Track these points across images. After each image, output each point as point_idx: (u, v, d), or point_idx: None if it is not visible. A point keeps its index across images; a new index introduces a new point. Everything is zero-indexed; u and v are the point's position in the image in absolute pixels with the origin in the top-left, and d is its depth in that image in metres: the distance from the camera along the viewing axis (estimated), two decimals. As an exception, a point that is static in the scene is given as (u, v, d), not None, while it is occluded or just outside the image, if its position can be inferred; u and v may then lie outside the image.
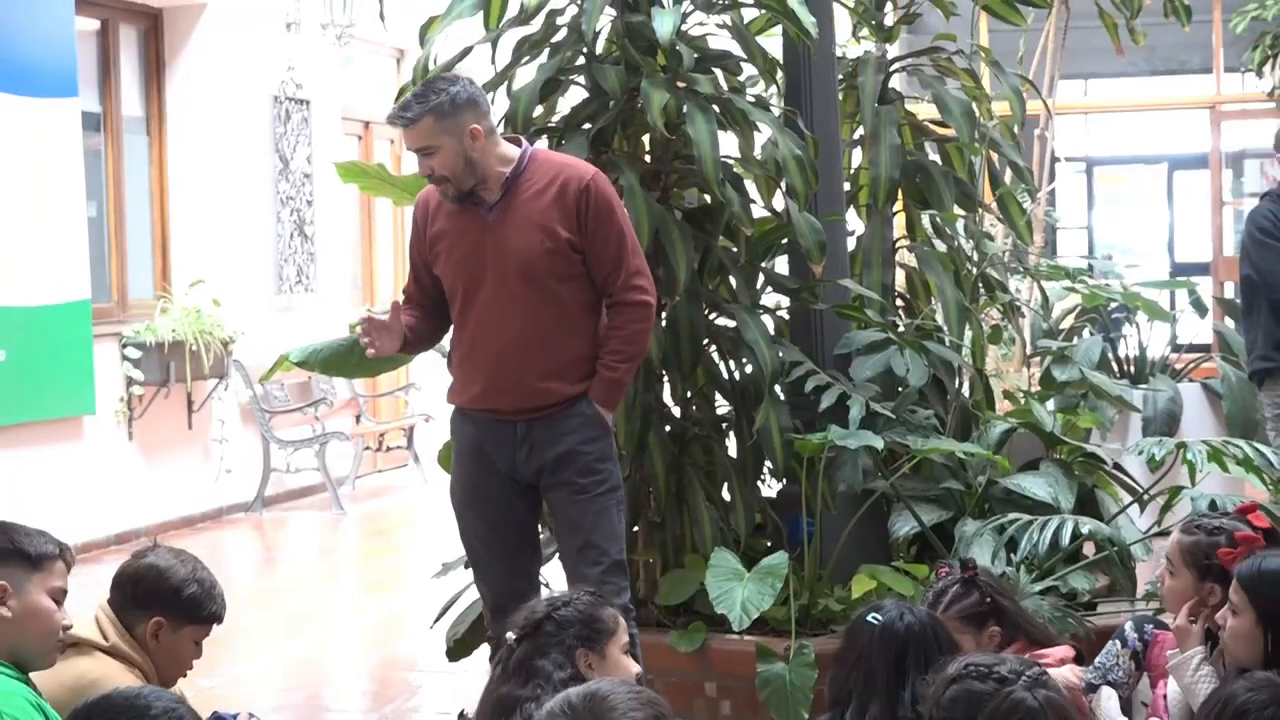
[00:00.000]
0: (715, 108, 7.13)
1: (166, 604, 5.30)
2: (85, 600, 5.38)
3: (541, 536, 6.68)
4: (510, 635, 4.70)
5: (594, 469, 6.26)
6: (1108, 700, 5.87)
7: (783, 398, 7.30)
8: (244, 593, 11.54)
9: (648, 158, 7.32)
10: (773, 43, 7.67)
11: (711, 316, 7.39)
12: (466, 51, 7.56)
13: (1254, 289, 9.61)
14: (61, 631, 4.88)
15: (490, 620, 6.35)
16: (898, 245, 8.08)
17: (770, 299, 7.78)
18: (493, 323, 6.18)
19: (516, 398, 6.20)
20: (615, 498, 6.36)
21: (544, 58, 7.43)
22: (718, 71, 7.43)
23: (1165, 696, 5.89)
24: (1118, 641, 6.01)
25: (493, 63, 7.53)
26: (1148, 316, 9.40)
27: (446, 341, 6.67)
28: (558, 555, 6.54)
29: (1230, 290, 16.23)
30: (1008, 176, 8.39)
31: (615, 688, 3.72)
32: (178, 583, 5.30)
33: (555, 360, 6.22)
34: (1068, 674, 5.25)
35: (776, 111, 7.47)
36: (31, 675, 4.95)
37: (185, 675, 5.49)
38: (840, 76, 7.83)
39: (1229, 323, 11.42)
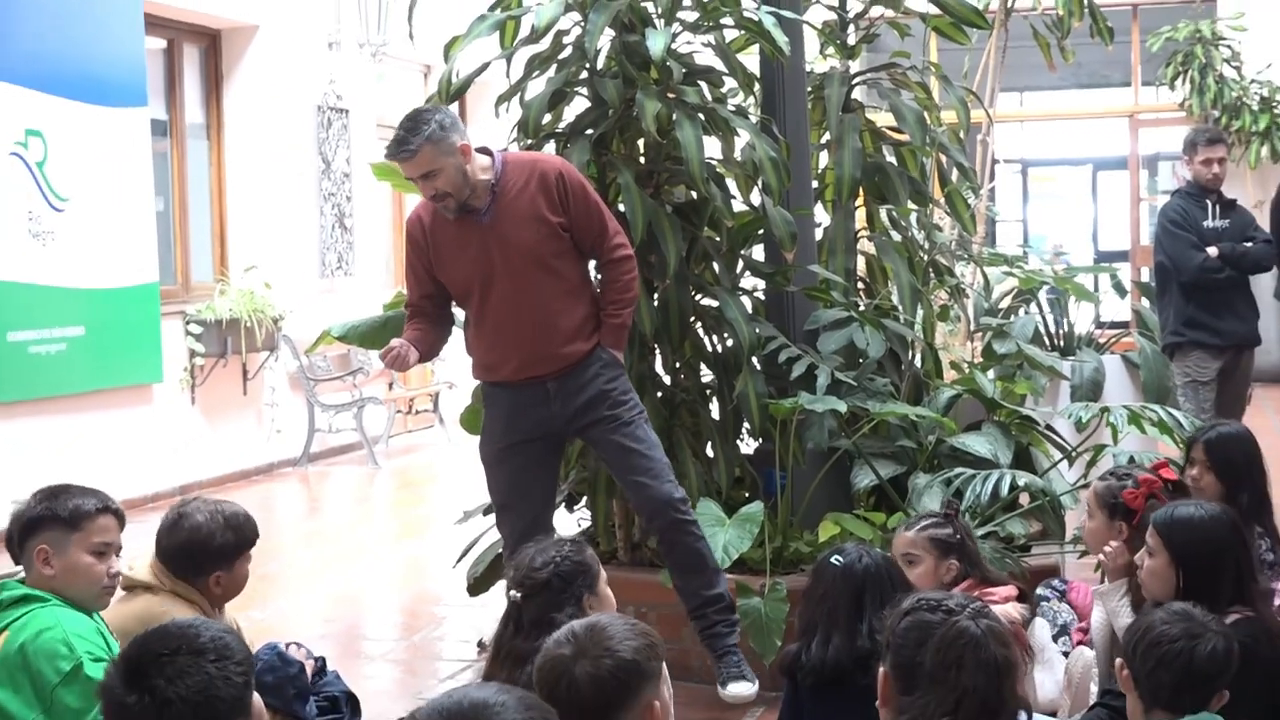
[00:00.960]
0: (701, 115, 7.13)
1: (215, 560, 5.30)
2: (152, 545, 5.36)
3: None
4: (515, 594, 4.67)
5: (621, 400, 6.41)
6: (1040, 630, 5.90)
7: (759, 368, 7.31)
8: (291, 537, 11.55)
9: (642, 159, 7.31)
10: (751, 59, 7.65)
11: (697, 297, 7.37)
12: (484, 67, 7.57)
13: (1166, 273, 9.70)
14: (108, 579, 4.90)
15: (509, 560, 6.31)
16: (859, 235, 8.07)
17: (748, 282, 7.78)
18: (513, 309, 6.25)
19: (547, 365, 6.29)
20: (644, 416, 6.52)
21: (551, 72, 7.44)
22: (703, 84, 7.42)
23: (1089, 625, 5.92)
24: (1045, 597, 6.10)
25: (507, 76, 7.60)
26: (1075, 297, 9.40)
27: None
28: (616, 472, 6.59)
29: (1146, 275, 16.21)
30: (954, 176, 8.37)
31: (613, 620, 3.72)
32: (217, 542, 5.29)
33: (571, 326, 6.33)
34: (1010, 610, 5.27)
35: (754, 119, 7.46)
36: (103, 613, 4.99)
37: (241, 591, 5.47)
38: (809, 88, 7.82)
39: (1145, 303, 11.42)
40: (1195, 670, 3.87)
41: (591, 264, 6.55)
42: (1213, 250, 9.51)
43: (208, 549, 5.26)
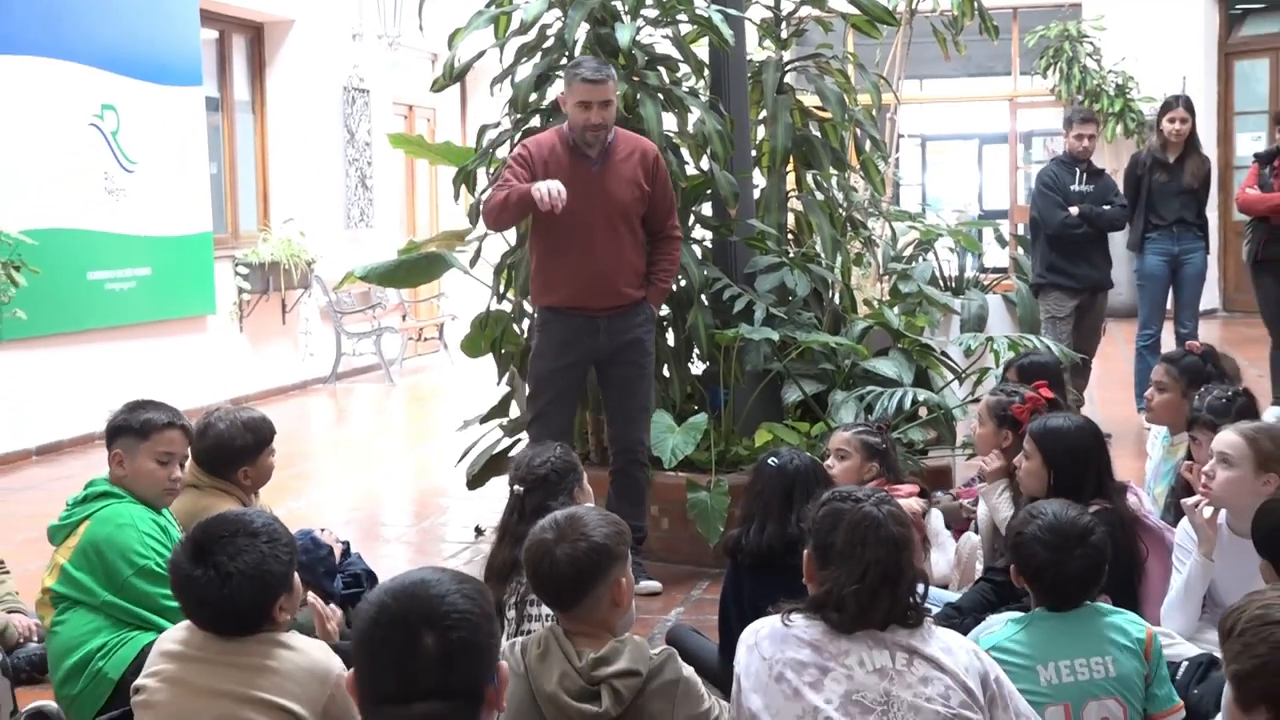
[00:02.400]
0: (660, 95, 7.18)
1: (239, 458, 5.30)
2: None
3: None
4: (519, 488, 4.69)
5: (647, 352, 6.62)
6: (935, 519, 5.91)
7: (706, 304, 7.30)
8: (321, 443, 11.55)
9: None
10: (701, 49, 7.62)
11: (657, 245, 7.35)
12: (481, 54, 7.59)
13: (1036, 226, 9.81)
14: (169, 483, 4.92)
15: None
16: (789, 195, 8.06)
17: (699, 233, 7.74)
18: (596, 246, 6.32)
19: (607, 299, 6.38)
20: (652, 372, 6.75)
21: (537, 59, 7.42)
22: (662, 69, 7.44)
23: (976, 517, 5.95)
24: (941, 497, 6.16)
25: (500, 62, 7.62)
26: (964, 246, 9.43)
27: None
28: (612, 405, 6.66)
29: (1022, 229, 16.23)
30: (868, 146, 8.38)
31: (589, 511, 3.75)
32: (238, 444, 5.30)
33: (634, 273, 6.46)
34: (912, 503, 5.30)
35: (704, 98, 7.45)
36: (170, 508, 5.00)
37: (268, 482, 5.48)
38: (749, 74, 7.78)
39: (1020, 252, 11.42)
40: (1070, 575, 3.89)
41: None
42: (1074, 210, 9.59)
43: (231, 449, 5.28)
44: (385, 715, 2.55)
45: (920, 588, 3.42)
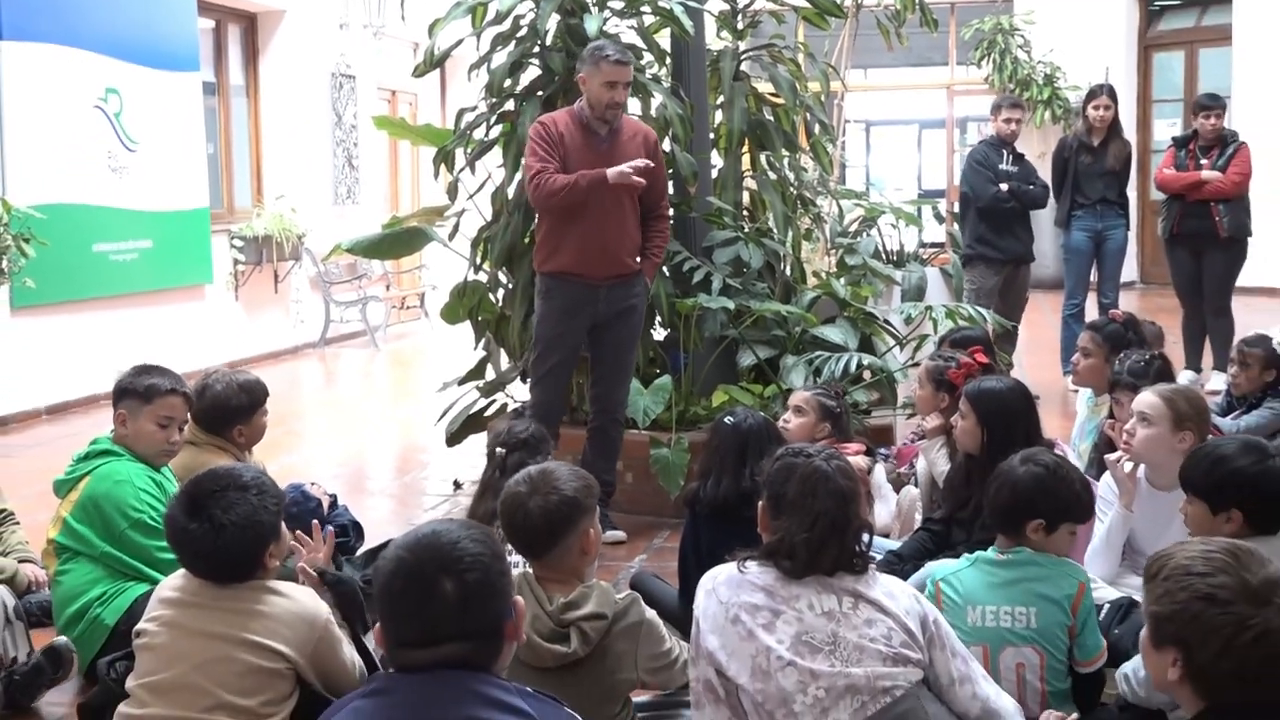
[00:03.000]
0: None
1: (234, 417, 5.29)
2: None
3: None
4: (500, 450, 4.69)
5: (639, 321, 6.66)
6: (880, 474, 5.93)
7: (668, 274, 7.27)
8: (311, 402, 11.50)
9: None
10: (664, 39, 7.59)
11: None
12: (459, 42, 7.54)
13: (967, 201, 9.92)
14: (167, 445, 4.92)
15: (539, 417, 6.12)
16: (744, 175, 8.03)
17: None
18: (603, 218, 6.26)
19: (610, 268, 6.36)
20: (639, 340, 6.78)
21: (511, 47, 7.37)
22: (627, 57, 7.39)
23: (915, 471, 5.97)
24: (881, 456, 6.17)
25: (477, 50, 7.56)
26: (905, 223, 9.43)
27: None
28: (600, 366, 6.61)
29: (958, 207, 16.30)
30: (817, 130, 8.36)
31: (560, 466, 3.78)
32: (233, 404, 5.29)
33: (632, 245, 6.45)
34: (859, 460, 5.34)
35: (666, 85, 7.41)
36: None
37: (261, 440, 5.44)
38: (708, 62, 7.74)
39: (956, 228, 11.44)
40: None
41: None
42: (1004, 186, 9.64)
43: (227, 409, 5.26)
44: (413, 659, 2.60)
45: (865, 537, 3.43)
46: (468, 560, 2.60)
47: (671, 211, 7.55)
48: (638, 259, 6.48)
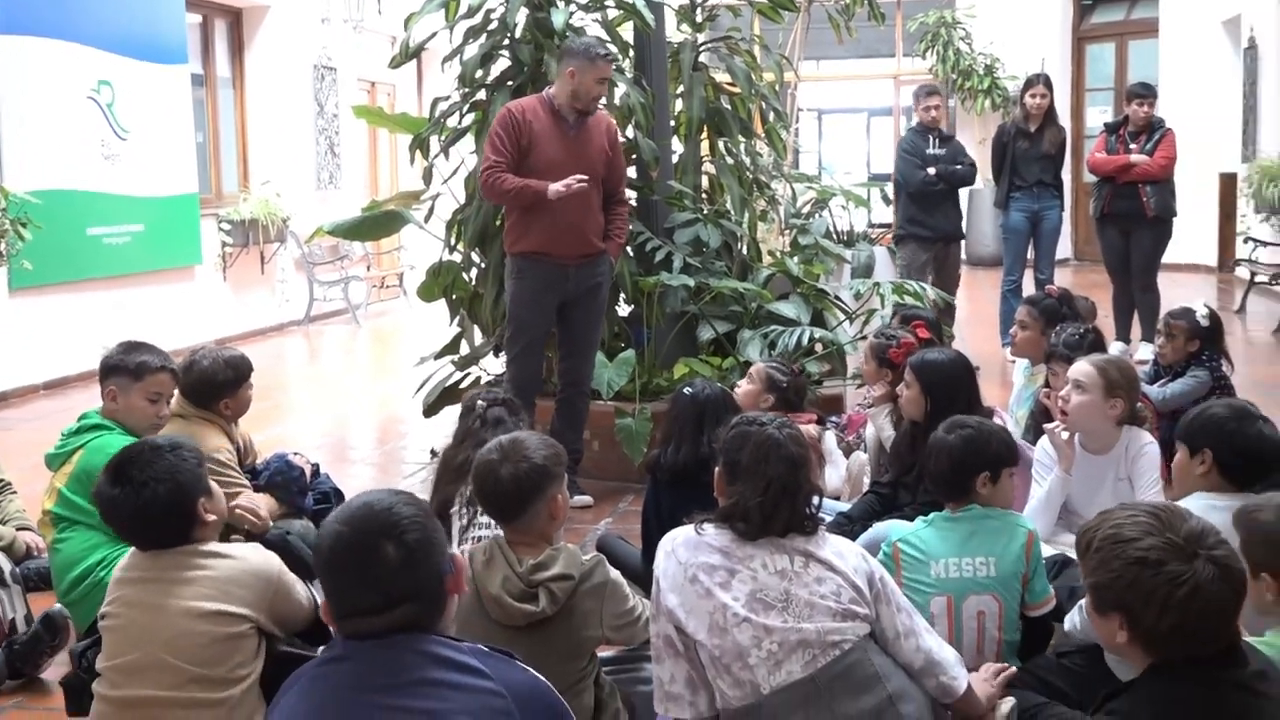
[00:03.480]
0: (591, 71, 7.07)
1: (220, 391, 5.20)
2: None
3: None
4: (481, 403, 4.64)
5: (604, 299, 6.64)
6: (830, 440, 5.93)
7: (631, 254, 7.23)
8: (296, 377, 11.44)
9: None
10: (627, 31, 7.56)
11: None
12: (433, 35, 7.51)
13: (899, 186, 9.96)
14: (156, 419, 4.87)
15: (516, 392, 6.01)
16: (703, 160, 8.01)
17: (626, 192, 7.69)
18: (571, 200, 6.15)
19: (577, 248, 6.32)
20: (604, 316, 6.74)
21: (482, 40, 7.31)
22: (592, 49, 7.34)
23: (865, 435, 5.97)
24: (831, 423, 6.17)
25: (450, 42, 7.51)
26: (855, 205, 9.42)
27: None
28: (567, 341, 6.58)
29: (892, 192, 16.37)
30: (771, 117, 8.35)
31: (530, 436, 3.74)
32: (219, 379, 5.20)
33: (597, 226, 6.41)
34: (810, 429, 5.32)
35: (629, 75, 7.38)
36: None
37: (246, 412, 5.35)
38: (668, 54, 7.69)
39: (901, 210, 11.49)
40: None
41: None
42: (931, 170, 9.75)
43: (214, 384, 5.17)
44: (364, 626, 2.52)
45: (815, 500, 3.41)
46: (405, 522, 2.55)
47: (635, 194, 7.56)
48: (602, 240, 6.44)
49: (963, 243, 10.19)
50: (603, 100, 7.32)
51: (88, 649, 3.63)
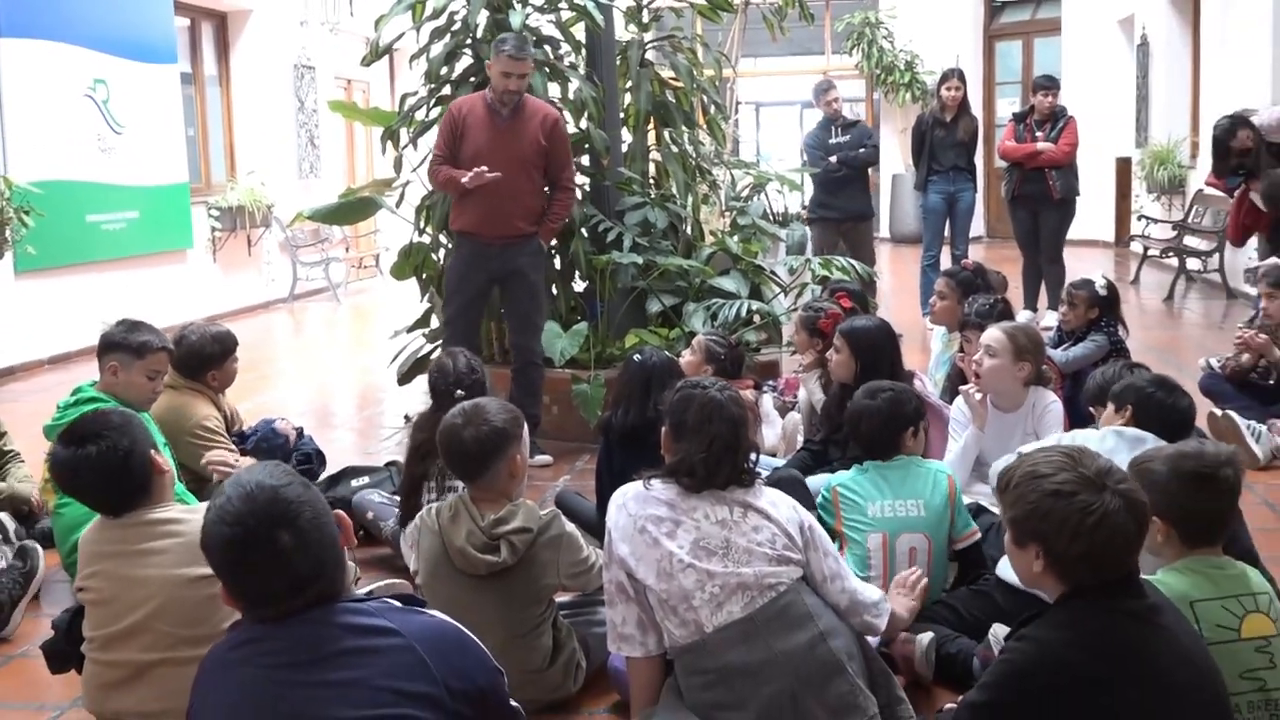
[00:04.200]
0: (546, 69, 7.05)
1: (207, 364, 5.19)
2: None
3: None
4: (460, 392, 4.52)
5: (538, 278, 6.57)
6: (767, 402, 5.94)
7: (586, 235, 7.19)
8: (282, 350, 11.33)
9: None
10: (579, 31, 7.49)
11: (547, 190, 7.23)
12: (401, 35, 7.43)
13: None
14: (152, 394, 4.84)
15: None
16: (650, 149, 7.96)
17: (579, 179, 7.60)
18: (499, 185, 6.13)
19: (500, 229, 6.27)
20: (543, 293, 6.68)
21: (447, 39, 7.24)
22: (547, 47, 7.30)
23: (797, 398, 5.97)
24: (769, 386, 6.18)
25: (417, 42, 7.43)
26: (788, 188, 9.40)
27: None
28: (512, 316, 6.61)
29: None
30: (712, 110, 8.32)
31: (490, 401, 3.76)
32: (207, 352, 5.20)
33: (526, 211, 6.34)
34: (747, 393, 5.31)
35: (582, 71, 7.33)
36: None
37: (232, 384, 5.32)
38: (617, 51, 7.62)
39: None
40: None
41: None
42: (833, 158, 9.87)
43: (201, 356, 5.16)
44: (277, 611, 2.35)
45: (753, 456, 3.42)
46: (294, 506, 2.32)
47: (588, 180, 7.52)
48: (535, 225, 6.38)
49: (875, 220, 10.19)
50: (556, 93, 7.30)
51: (74, 617, 3.45)
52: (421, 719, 2.31)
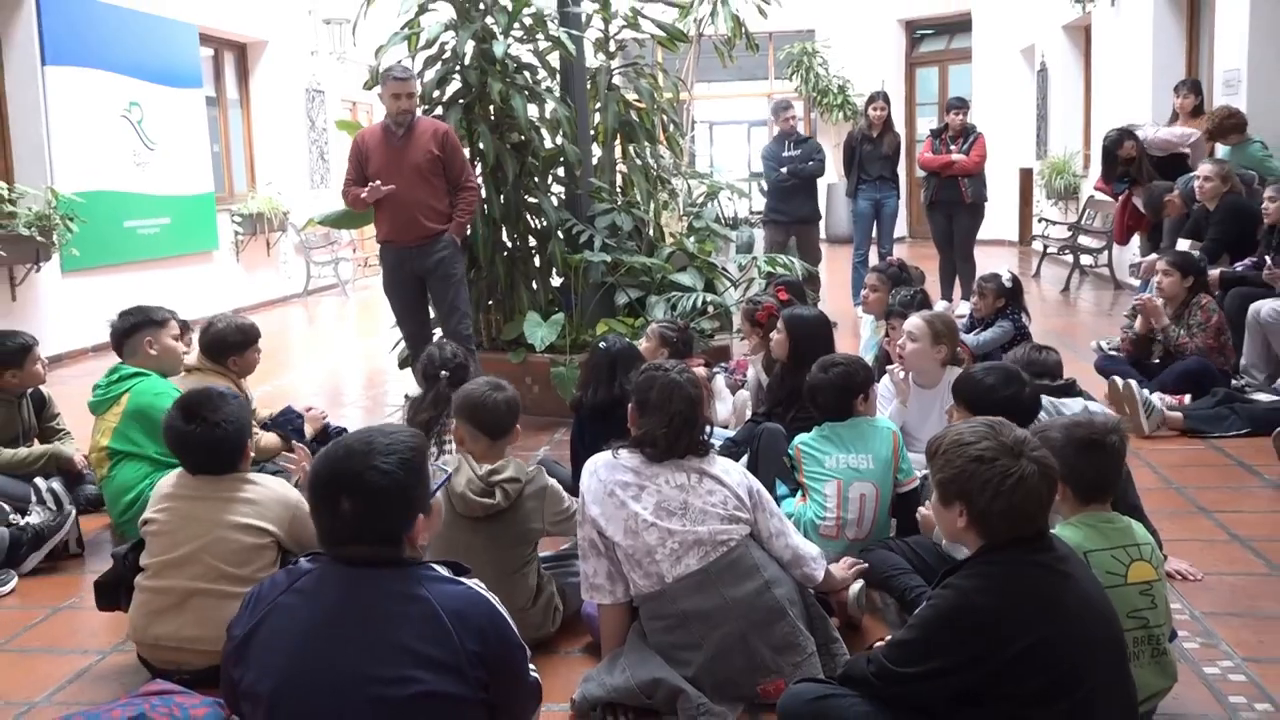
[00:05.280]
0: (526, 92, 6.96)
1: (230, 351, 5.15)
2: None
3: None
4: (445, 374, 4.49)
5: (452, 270, 6.36)
6: (719, 381, 5.92)
7: (561, 237, 7.14)
8: (297, 338, 11.23)
9: (492, 118, 7.02)
10: (554, 59, 7.42)
11: (526, 197, 7.16)
12: (398, 63, 7.26)
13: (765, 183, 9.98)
14: (185, 352, 4.94)
15: (409, 348, 6.32)
16: (617, 162, 7.92)
17: (555, 189, 7.56)
18: (402, 195, 6.12)
19: (414, 233, 6.22)
20: (463, 283, 6.49)
21: (438, 66, 7.15)
22: (527, 73, 7.20)
23: (746, 375, 5.97)
24: (722, 367, 6.17)
25: (411, 69, 7.25)
26: (737, 195, 9.39)
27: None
28: (438, 305, 6.51)
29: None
30: (671, 128, 8.28)
31: (476, 381, 3.75)
32: (230, 340, 5.16)
33: (432, 213, 6.26)
34: (701, 371, 5.29)
35: (557, 93, 7.26)
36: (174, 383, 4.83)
37: (253, 372, 5.27)
38: (588, 76, 7.56)
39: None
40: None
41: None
42: (784, 169, 9.78)
43: (225, 344, 5.11)
44: (331, 550, 2.34)
45: (708, 429, 3.42)
46: (369, 479, 2.28)
47: (562, 190, 7.46)
48: (443, 223, 6.30)
49: (820, 224, 10.15)
50: (534, 113, 7.22)
51: (128, 552, 3.57)
52: (432, 682, 2.24)
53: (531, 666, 2.51)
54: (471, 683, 2.27)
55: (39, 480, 4.90)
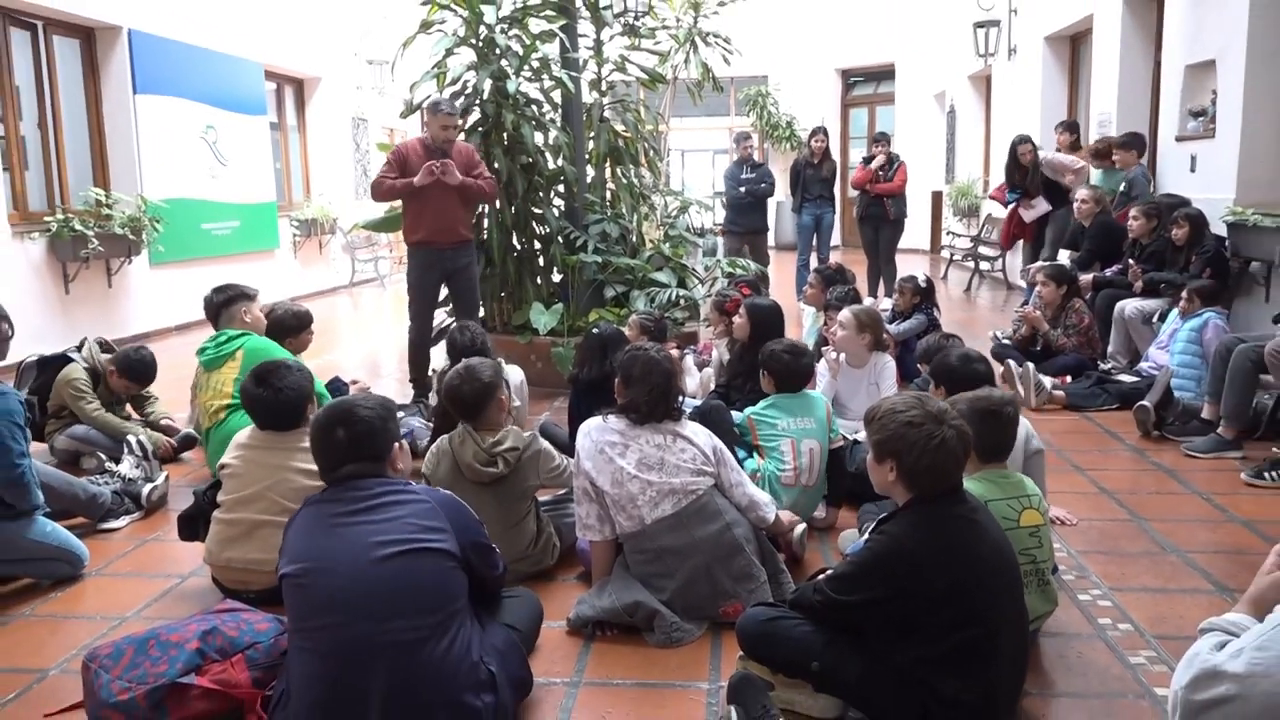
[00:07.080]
0: (533, 121, 6.89)
1: (288, 332, 5.08)
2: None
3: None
4: (472, 346, 4.47)
5: (474, 272, 6.23)
6: (689, 360, 5.89)
7: (561, 241, 7.08)
8: (344, 324, 11.13)
9: (506, 143, 6.94)
10: (557, 95, 7.33)
11: (533, 209, 7.11)
12: (428, 97, 7.16)
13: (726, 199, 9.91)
14: (265, 321, 4.90)
15: (416, 331, 6.13)
16: (607, 180, 7.85)
17: (557, 202, 7.47)
18: (440, 203, 5.90)
19: (446, 237, 5.98)
20: (478, 282, 6.35)
21: (461, 100, 7.04)
22: (534, 106, 7.12)
23: (711, 357, 5.94)
24: (691, 349, 6.13)
25: (456, 106, 7.14)
26: (704, 210, 9.33)
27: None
28: (456, 299, 6.30)
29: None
30: (651, 153, 8.21)
31: (478, 363, 3.65)
32: (288, 324, 5.10)
33: (460, 221, 6.03)
34: (674, 352, 5.25)
35: (558, 123, 7.19)
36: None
37: (306, 350, 5.17)
38: (584, 110, 7.47)
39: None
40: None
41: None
42: (742, 189, 9.80)
43: (284, 326, 5.06)
44: (329, 476, 2.54)
45: (680, 398, 3.39)
46: (355, 416, 2.56)
47: (561, 204, 7.38)
48: (469, 231, 6.12)
49: (769, 234, 10.14)
50: (540, 140, 7.14)
51: (207, 490, 3.57)
52: (441, 542, 2.43)
53: (501, 560, 2.74)
54: (457, 548, 2.46)
55: (130, 436, 4.85)
